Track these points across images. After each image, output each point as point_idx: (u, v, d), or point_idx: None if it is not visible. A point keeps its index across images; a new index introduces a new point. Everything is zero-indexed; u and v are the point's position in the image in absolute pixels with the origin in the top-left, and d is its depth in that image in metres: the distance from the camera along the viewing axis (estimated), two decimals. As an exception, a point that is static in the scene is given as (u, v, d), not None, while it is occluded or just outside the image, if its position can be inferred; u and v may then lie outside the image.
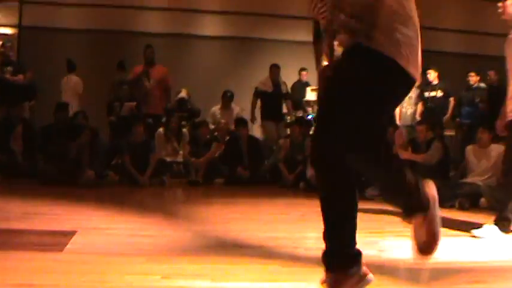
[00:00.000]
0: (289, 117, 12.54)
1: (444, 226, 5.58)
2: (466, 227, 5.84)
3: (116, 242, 4.69)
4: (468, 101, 11.81)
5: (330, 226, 3.18)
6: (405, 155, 8.75)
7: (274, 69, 12.31)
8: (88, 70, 13.45)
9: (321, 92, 3.23)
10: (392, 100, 3.17)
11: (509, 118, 5.52)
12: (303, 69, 13.28)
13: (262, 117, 12.29)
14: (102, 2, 13.64)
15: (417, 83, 3.86)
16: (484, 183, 8.07)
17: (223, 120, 11.58)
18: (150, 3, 14.23)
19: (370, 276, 3.15)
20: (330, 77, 3.06)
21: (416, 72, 3.02)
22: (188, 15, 14.44)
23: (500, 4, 5.50)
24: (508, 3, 5.44)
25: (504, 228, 5.44)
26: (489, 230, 5.44)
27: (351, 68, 2.98)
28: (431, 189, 3.31)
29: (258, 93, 12.30)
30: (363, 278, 3.12)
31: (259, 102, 12.37)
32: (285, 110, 12.74)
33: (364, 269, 3.14)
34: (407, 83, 3.06)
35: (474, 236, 5.41)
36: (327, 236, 3.16)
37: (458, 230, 5.75)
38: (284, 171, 10.20)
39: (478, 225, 5.56)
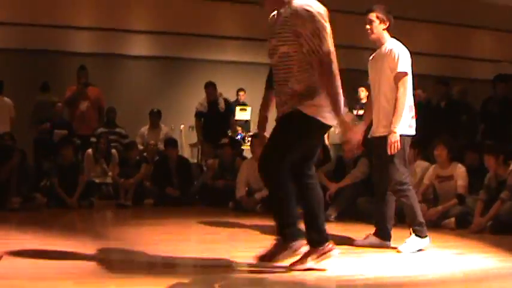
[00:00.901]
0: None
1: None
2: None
3: (43, 266, 4.63)
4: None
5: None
6: (332, 187, 8.80)
7: (208, 88, 11.78)
8: (14, 91, 13.23)
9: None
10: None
11: (379, 134, 5.78)
12: (241, 89, 13.32)
13: (203, 139, 12.00)
14: (30, 21, 13.45)
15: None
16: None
17: (152, 142, 11.55)
18: (79, 22, 14.08)
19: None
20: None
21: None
22: (118, 35, 14.37)
23: (368, 27, 5.81)
24: (375, 25, 5.78)
25: (420, 234, 5.70)
26: (411, 242, 5.65)
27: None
28: None
29: (197, 115, 11.90)
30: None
31: None
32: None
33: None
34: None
35: (399, 252, 5.56)
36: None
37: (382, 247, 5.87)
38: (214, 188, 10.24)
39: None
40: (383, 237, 5.91)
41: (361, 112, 12.24)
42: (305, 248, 4.57)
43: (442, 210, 7.79)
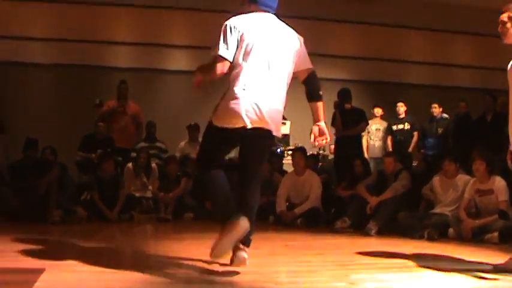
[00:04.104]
0: None
1: (415, 258, 5.64)
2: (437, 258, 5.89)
3: (85, 279, 4.65)
4: (431, 133, 11.95)
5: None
6: (373, 200, 8.76)
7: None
8: (56, 104, 13.42)
9: None
10: None
11: None
12: None
13: None
14: (71, 37, 13.64)
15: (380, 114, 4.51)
16: (452, 214, 8.15)
17: (192, 155, 11.59)
18: (119, 37, 14.24)
19: None
20: None
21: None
22: (157, 50, 14.49)
23: (500, 30, 5.12)
24: (507, 26, 5.07)
25: None
26: None
27: None
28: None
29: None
30: None
31: None
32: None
33: None
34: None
35: None
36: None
37: (429, 262, 5.78)
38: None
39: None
40: None
41: (400, 126, 12.19)
42: None
43: (480, 224, 7.70)
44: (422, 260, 5.89)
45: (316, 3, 14.00)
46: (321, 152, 13.44)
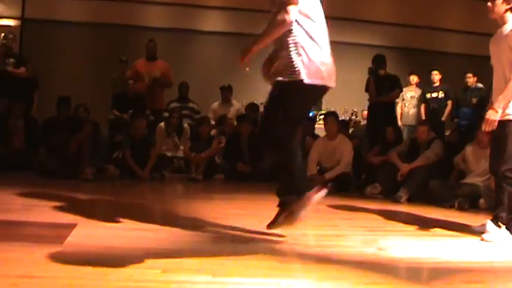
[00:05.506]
0: None
1: (444, 227, 5.63)
2: (467, 228, 5.88)
3: (115, 235, 4.71)
4: (465, 102, 11.79)
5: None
6: (404, 167, 8.72)
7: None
8: (89, 63, 13.49)
9: None
10: None
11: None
12: None
13: None
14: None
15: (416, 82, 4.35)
16: (483, 184, 8.07)
17: (229, 115, 11.63)
18: (152, -3, 14.27)
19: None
20: None
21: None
22: (191, 11, 14.45)
23: (489, 4, 5.47)
24: (496, 3, 5.42)
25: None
26: (500, 233, 5.32)
27: None
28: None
29: None
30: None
31: None
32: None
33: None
34: None
35: (484, 240, 5.28)
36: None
37: (459, 231, 5.77)
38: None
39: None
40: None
41: (434, 95, 12.05)
42: None
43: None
44: (451, 229, 5.88)
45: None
46: (353, 117, 13.37)
